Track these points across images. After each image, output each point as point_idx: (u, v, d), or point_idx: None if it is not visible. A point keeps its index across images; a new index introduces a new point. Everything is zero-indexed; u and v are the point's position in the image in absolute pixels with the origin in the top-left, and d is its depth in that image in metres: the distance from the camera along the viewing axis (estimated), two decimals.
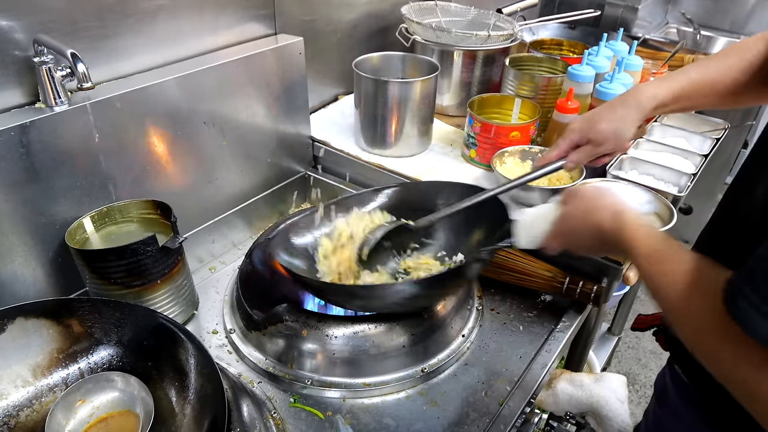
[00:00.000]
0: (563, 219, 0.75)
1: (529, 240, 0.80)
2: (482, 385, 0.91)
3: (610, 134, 0.89)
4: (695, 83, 0.87)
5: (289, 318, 0.90)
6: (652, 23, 2.83)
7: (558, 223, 0.75)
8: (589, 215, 0.70)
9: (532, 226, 0.79)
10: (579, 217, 0.72)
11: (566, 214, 0.74)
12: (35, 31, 0.87)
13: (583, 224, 0.71)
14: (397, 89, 1.30)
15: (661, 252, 0.61)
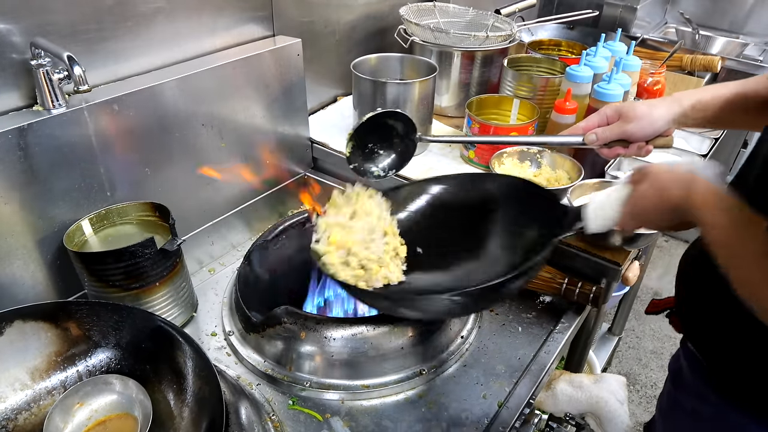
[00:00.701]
0: (636, 199, 0.72)
1: (601, 223, 0.77)
2: (481, 387, 0.91)
3: (642, 113, 0.87)
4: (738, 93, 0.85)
5: (288, 320, 0.90)
6: (651, 23, 2.83)
7: (631, 203, 0.73)
8: (662, 193, 0.68)
9: (602, 208, 0.76)
10: (652, 196, 0.70)
11: (639, 194, 0.71)
12: (32, 34, 0.87)
13: (659, 202, 0.69)
14: (396, 90, 1.30)
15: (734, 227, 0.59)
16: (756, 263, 0.56)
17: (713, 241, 0.61)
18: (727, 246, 0.60)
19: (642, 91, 1.48)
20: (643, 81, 1.49)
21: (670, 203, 0.67)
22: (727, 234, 0.60)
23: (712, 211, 0.62)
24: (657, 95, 1.49)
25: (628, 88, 1.29)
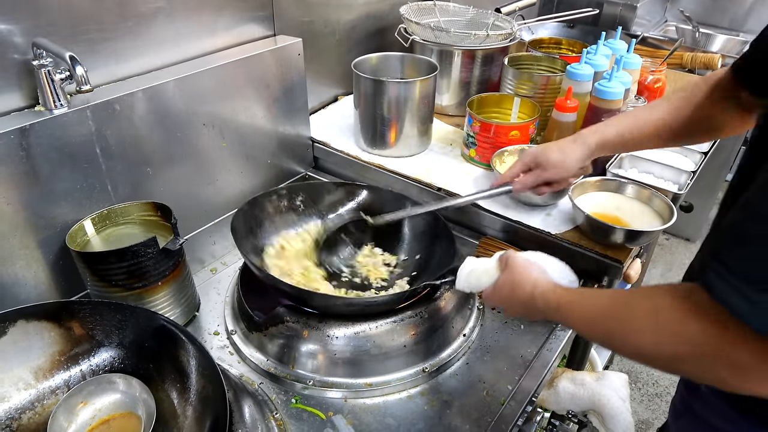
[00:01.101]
0: (497, 288, 0.83)
1: (466, 287, 0.88)
2: (484, 385, 0.91)
3: (555, 161, 1.00)
4: (641, 126, 0.94)
5: (290, 319, 0.90)
6: (651, 21, 2.83)
7: (493, 289, 0.83)
8: (514, 288, 0.79)
9: (471, 276, 0.87)
10: (506, 288, 0.80)
11: (499, 285, 0.82)
12: (34, 35, 0.87)
13: (510, 295, 0.80)
14: (397, 89, 1.30)
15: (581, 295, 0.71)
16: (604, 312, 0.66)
17: (566, 315, 0.71)
18: (576, 314, 0.70)
19: (643, 89, 1.48)
20: (644, 79, 1.48)
21: (520, 298, 0.78)
22: (574, 306, 0.70)
23: (557, 298, 0.72)
24: (658, 93, 1.49)
25: (629, 86, 1.29)
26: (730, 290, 0.50)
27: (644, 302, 0.60)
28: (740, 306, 0.49)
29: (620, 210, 1.12)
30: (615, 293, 0.67)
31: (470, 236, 1.23)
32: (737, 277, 0.50)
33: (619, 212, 1.11)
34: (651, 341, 0.59)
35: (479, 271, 0.86)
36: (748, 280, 0.49)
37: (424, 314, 0.93)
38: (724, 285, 0.51)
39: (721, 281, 0.51)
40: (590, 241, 1.07)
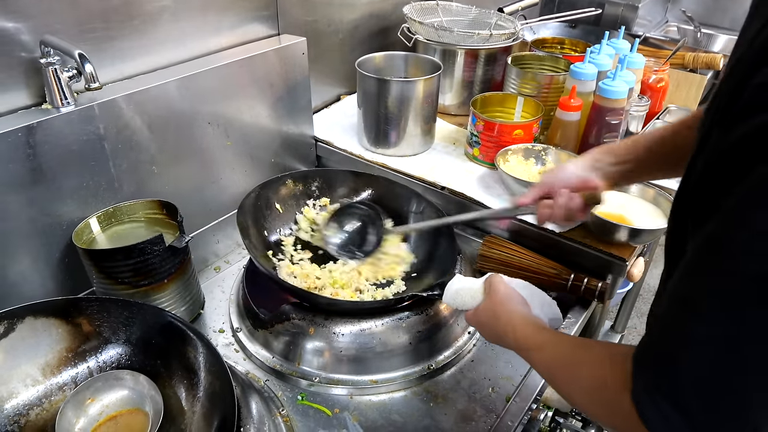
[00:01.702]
0: (477, 312, 0.82)
1: (452, 304, 0.88)
2: (488, 382, 0.91)
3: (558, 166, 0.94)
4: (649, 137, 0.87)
5: (296, 316, 0.91)
6: (653, 21, 2.84)
7: (474, 312, 0.82)
8: (490, 320, 0.78)
9: (459, 295, 0.87)
10: (485, 318, 0.79)
11: (480, 310, 0.81)
12: (41, 33, 0.88)
13: (487, 324, 0.79)
14: (400, 88, 1.30)
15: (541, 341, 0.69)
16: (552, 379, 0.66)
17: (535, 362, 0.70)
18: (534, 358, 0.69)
19: (646, 88, 1.48)
20: (647, 78, 1.49)
21: (494, 329, 0.77)
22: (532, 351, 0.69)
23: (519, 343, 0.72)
24: (661, 93, 1.50)
25: (633, 85, 1.29)
26: (648, 403, 0.48)
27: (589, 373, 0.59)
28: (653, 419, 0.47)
29: (624, 208, 1.12)
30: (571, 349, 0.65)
31: (474, 235, 1.24)
32: (657, 391, 0.47)
33: (623, 210, 1.11)
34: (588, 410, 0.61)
35: (465, 291, 0.86)
36: (665, 396, 0.46)
37: (429, 312, 0.93)
38: (646, 400, 0.48)
39: (644, 393, 0.48)
40: (594, 239, 1.08)
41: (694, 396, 0.44)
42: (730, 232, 0.42)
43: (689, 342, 0.45)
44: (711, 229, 0.44)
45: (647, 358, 0.50)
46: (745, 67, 0.43)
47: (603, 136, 1.27)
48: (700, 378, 0.44)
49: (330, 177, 1.21)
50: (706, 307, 0.44)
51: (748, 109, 0.41)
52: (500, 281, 0.81)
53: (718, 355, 0.43)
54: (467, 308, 0.84)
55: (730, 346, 0.43)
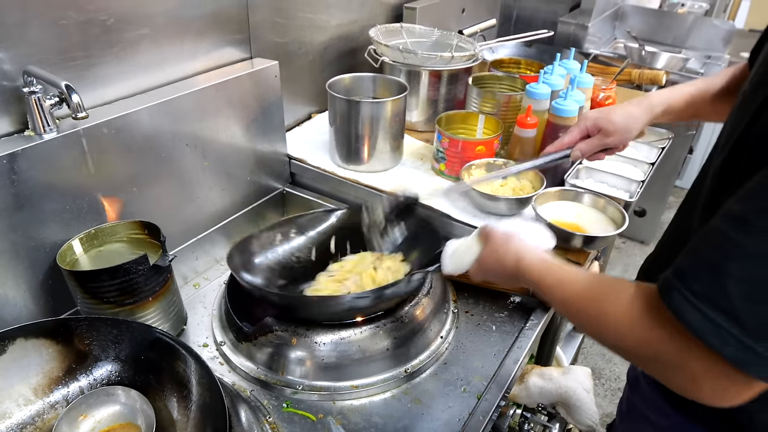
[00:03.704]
0: (480, 260, 0.86)
1: (454, 268, 0.91)
2: (461, 382, 0.98)
3: (620, 127, 0.99)
4: (700, 89, 0.97)
5: (279, 328, 0.96)
6: (602, 39, 3.01)
7: (477, 262, 0.86)
8: (498, 260, 0.82)
9: (456, 256, 0.90)
10: (491, 260, 0.83)
11: (482, 257, 0.85)
12: (23, 63, 0.90)
13: (495, 267, 0.83)
14: (370, 108, 1.37)
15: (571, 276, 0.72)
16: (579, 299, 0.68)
17: (547, 287, 0.74)
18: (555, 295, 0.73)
19: (594, 105, 1.60)
20: (596, 96, 1.61)
21: (505, 270, 0.81)
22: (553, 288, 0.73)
23: (539, 274, 0.75)
24: None
25: (583, 103, 1.40)
26: (694, 312, 0.52)
27: (615, 302, 0.63)
28: (702, 327, 0.52)
29: (579, 217, 1.22)
30: (591, 282, 0.69)
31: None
32: (703, 301, 0.51)
33: (577, 219, 1.21)
34: (617, 339, 0.63)
35: (461, 250, 0.89)
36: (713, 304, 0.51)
37: (404, 319, 0.99)
38: (690, 309, 0.52)
39: (687, 304, 0.52)
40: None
41: (743, 302, 0.49)
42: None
43: (738, 254, 0.50)
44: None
45: (692, 270, 0.53)
46: None
47: None
48: (749, 286, 0.50)
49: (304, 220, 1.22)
50: (756, 223, 0.49)
51: None
52: (495, 227, 0.85)
53: (765, 266, 0.49)
54: (467, 265, 0.87)
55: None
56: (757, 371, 0.51)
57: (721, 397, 0.55)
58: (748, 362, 0.51)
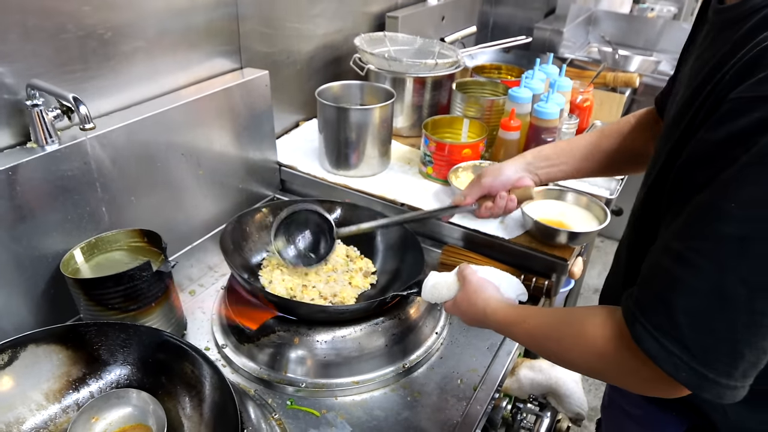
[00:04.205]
0: (456, 301, 0.92)
1: (431, 299, 0.97)
2: (457, 375, 1.02)
3: (494, 168, 1.09)
4: (575, 145, 1.06)
5: (280, 328, 0.99)
6: (576, 43, 3.11)
7: (453, 303, 0.93)
8: (470, 305, 0.88)
9: (436, 290, 0.96)
10: (464, 304, 0.90)
11: (457, 299, 0.92)
12: (25, 76, 0.93)
13: (467, 310, 0.90)
14: (358, 115, 1.41)
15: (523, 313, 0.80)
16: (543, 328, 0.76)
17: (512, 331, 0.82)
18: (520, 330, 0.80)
19: (574, 107, 1.67)
20: (575, 98, 1.68)
21: (475, 315, 0.88)
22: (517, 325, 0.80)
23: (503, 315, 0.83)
24: (587, 111, 1.69)
25: (563, 106, 1.46)
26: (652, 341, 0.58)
27: (576, 327, 0.70)
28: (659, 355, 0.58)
29: (563, 215, 1.27)
30: (553, 314, 0.76)
31: (433, 245, 1.35)
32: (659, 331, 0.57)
33: (562, 217, 1.27)
34: (581, 360, 0.70)
35: (441, 285, 0.95)
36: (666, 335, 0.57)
37: (401, 317, 1.04)
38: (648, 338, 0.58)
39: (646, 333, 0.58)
40: (539, 244, 1.22)
41: (690, 330, 0.56)
42: (717, 201, 0.55)
43: (682, 290, 0.56)
44: (699, 200, 0.57)
45: (649, 304, 0.59)
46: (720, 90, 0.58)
47: None
48: (693, 317, 0.56)
49: None
50: (695, 260, 0.56)
51: (730, 115, 0.55)
52: (471, 271, 0.91)
53: (706, 299, 0.55)
54: (444, 300, 0.94)
55: (715, 291, 0.54)
56: (710, 394, 0.57)
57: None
58: (700, 386, 0.57)
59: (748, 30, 0.59)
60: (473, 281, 0.90)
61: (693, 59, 0.75)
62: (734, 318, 0.55)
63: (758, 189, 0.52)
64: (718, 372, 0.56)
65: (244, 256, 1.16)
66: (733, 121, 0.54)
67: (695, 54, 0.75)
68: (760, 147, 0.51)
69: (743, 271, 0.53)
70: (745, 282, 0.53)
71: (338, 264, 1.18)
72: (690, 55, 0.78)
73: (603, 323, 0.66)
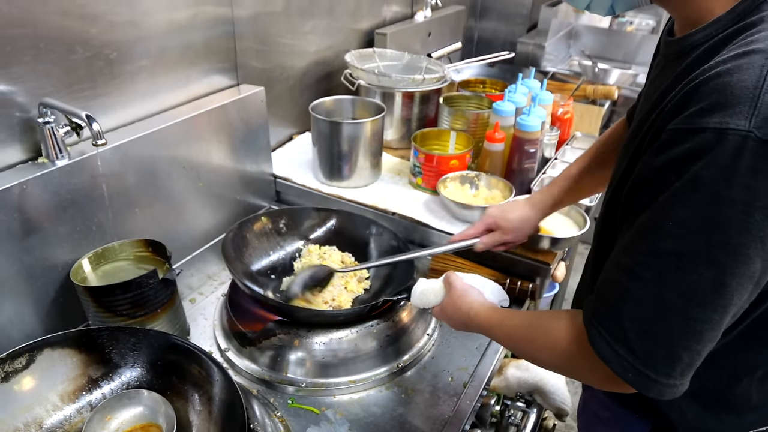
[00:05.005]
0: (442, 306, 0.98)
1: (420, 304, 1.03)
2: (447, 373, 1.08)
3: (515, 227, 1.15)
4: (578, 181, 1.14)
5: (281, 331, 1.04)
6: (558, 57, 3.22)
7: (440, 308, 0.99)
8: (455, 309, 0.94)
9: (423, 294, 1.02)
10: (450, 309, 0.96)
11: (443, 304, 0.98)
12: (37, 95, 0.98)
13: (452, 314, 0.95)
14: (350, 129, 1.48)
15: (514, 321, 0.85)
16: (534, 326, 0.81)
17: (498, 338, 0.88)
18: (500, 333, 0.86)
19: (555, 119, 1.75)
20: (556, 111, 1.76)
21: (460, 318, 0.93)
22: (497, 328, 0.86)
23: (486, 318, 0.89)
24: (568, 123, 1.78)
25: (545, 118, 1.54)
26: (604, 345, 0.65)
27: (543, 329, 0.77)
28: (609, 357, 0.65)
29: (545, 221, 1.34)
30: (526, 317, 0.83)
31: None
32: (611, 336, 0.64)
33: (544, 224, 1.34)
34: (549, 359, 0.78)
35: (428, 291, 1.01)
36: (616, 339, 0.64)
37: (395, 319, 1.10)
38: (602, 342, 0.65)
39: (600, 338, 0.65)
40: (523, 249, 1.29)
41: (635, 336, 0.63)
42: (657, 220, 0.61)
43: (629, 299, 0.63)
44: (643, 219, 0.63)
45: (602, 312, 0.67)
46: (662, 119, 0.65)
47: (524, 162, 1.51)
48: (638, 324, 0.63)
49: (294, 214, 1.36)
50: (639, 273, 0.63)
51: (667, 144, 0.62)
52: (456, 278, 0.98)
53: (648, 308, 0.62)
54: (432, 305, 1.00)
55: (656, 301, 0.61)
56: (653, 392, 0.64)
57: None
58: (645, 386, 0.64)
59: (687, 65, 0.67)
60: (458, 287, 0.96)
61: (649, 83, 0.83)
62: (672, 325, 0.62)
63: (689, 211, 0.59)
64: (659, 372, 0.63)
65: (244, 262, 1.22)
66: (669, 150, 0.61)
67: (651, 77, 0.82)
68: (691, 174, 0.58)
69: (679, 282, 0.60)
70: (680, 293, 0.61)
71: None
72: (650, 77, 0.86)
73: (566, 327, 0.74)
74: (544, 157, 1.67)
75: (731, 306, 0.60)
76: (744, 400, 0.81)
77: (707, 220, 0.58)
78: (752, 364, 0.78)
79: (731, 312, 0.61)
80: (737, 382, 0.79)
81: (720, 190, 0.56)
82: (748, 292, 0.61)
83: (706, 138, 0.57)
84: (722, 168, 0.56)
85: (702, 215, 0.58)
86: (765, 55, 0.57)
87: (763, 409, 0.83)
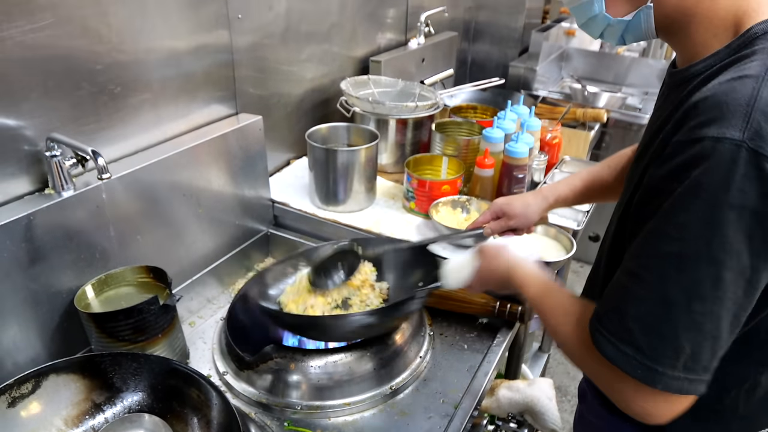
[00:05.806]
0: (477, 272, 1.02)
1: (455, 282, 1.06)
2: (439, 395, 1.12)
3: (519, 212, 1.22)
4: (586, 181, 1.21)
5: (278, 355, 1.08)
6: (550, 79, 3.30)
7: (474, 274, 1.03)
8: (492, 270, 0.99)
9: (456, 271, 1.06)
10: (485, 271, 1.01)
11: (479, 270, 1.02)
12: (44, 130, 1.03)
13: (490, 277, 1.00)
14: (345, 156, 1.53)
15: (544, 290, 0.90)
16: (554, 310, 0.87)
17: (529, 298, 0.92)
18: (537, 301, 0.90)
19: (544, 144, 1.81)
20: (545, 136, 1.82)
21: (499, 278, 0.98)
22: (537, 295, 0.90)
23: (526, 281, 0.93)
24: (556, 147, 1.83)
25: (533, 144, 1.60)
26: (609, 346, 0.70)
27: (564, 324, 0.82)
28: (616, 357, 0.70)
29: (534, 245, 1.39)
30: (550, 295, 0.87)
31: None
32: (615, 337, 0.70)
33: (533, 247, 1.38)
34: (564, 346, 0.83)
35: (463, 266, 1.03)
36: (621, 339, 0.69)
37: (388, 342, 1.13)
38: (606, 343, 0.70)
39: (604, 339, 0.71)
40: None
41: (641, 334, 0.68)
42: (661, 226, 0.67)
43: (633, 300, 0.69)
44: (649, 226, 0.69)
45: (606, 315, 0.72)
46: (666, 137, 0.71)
47: (513, 187, 1.56)
48: (642, 323, 0.68)
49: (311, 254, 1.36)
50: (643, 275, 0.68)
51: (670, 156, 0.68)
52: (487, 245, 1.03)
53: (653, 306, 0.67)
54: (466, 279, 1.02)
55: (660, 300, 0.67)
56: (662, 386, 0.69)
57: (650, 413, 0.73)
58: (653, 380, 0.69)
59: (688, 91, 0.74)
60: (491, 248, 1.02)
61: (656, 109, 0.90)
62: (677, 319, 0.67)
63: (690, 213, 0.65)
64: (665, 365, 0.68)
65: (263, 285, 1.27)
66: (671, 160, 0.68)
67: (658, 104, 0.90)
68: (692, 179, 0.65)
69: (681, 280, 0.66)
70: (683, 290, 0.66)
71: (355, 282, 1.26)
72: (657, 104, 0.93)
73: (573, 330, 0.79)
74: (533, 181, 1.72)
75: (728, 299, 0.66)
76: (731, 411, 0.86)
77: (707, 221, 0.64)
78: (740, 376, 0.83)
79: (728, 306, 0.66)
80: (726, 393, 0.84)
81: (718, 193, 0.62)
82: (742, 289, 0.66)
83: (705, 146, 0.63)
84: (720, 173, 0.62)
85: (702, 216, 0.64)
86: (756, 80, 0.65)
87: (747, 419, 0.88)
